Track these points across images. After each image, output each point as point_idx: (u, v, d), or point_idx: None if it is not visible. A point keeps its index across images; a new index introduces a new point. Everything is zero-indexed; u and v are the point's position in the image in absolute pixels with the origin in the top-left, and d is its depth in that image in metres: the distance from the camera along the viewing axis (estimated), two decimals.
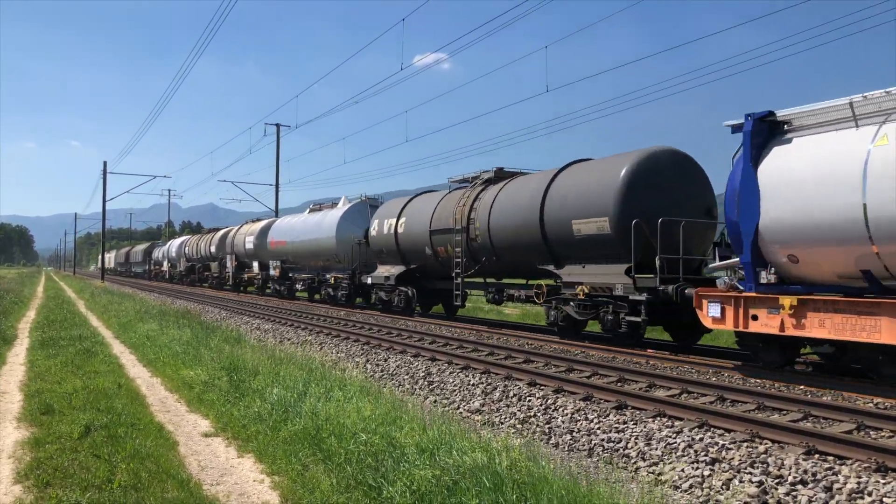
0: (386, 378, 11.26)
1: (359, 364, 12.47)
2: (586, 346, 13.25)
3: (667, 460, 6.36)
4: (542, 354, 11.78)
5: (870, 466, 5.71)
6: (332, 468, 5.61)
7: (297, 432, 6.62)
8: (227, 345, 12.99)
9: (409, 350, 13.13)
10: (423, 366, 11.56)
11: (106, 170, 55.69)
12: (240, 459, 6.40)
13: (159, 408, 8.58)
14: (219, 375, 9.76)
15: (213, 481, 5.75)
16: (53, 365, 11.26)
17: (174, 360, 11.74)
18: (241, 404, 8.07)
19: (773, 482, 5.56)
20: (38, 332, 16.55)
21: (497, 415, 8.55)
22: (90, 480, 5.37)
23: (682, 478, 5.95)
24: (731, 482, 5.70)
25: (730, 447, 6.36)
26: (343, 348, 14.26)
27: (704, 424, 7.15)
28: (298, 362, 10.74)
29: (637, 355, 11.98)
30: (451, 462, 5.22)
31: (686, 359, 11.42)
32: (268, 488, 5.60)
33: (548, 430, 7.73)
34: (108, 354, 12.93)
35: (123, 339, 15.92)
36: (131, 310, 22.68)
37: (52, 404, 8.09)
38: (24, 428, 7.33)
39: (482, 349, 12.83)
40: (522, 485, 4.77)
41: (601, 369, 10.29)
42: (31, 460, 6.03)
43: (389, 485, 5.02)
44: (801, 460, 5.93)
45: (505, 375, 10.16)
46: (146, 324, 17.60)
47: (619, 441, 7.01)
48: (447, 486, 4.86)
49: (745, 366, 10.59)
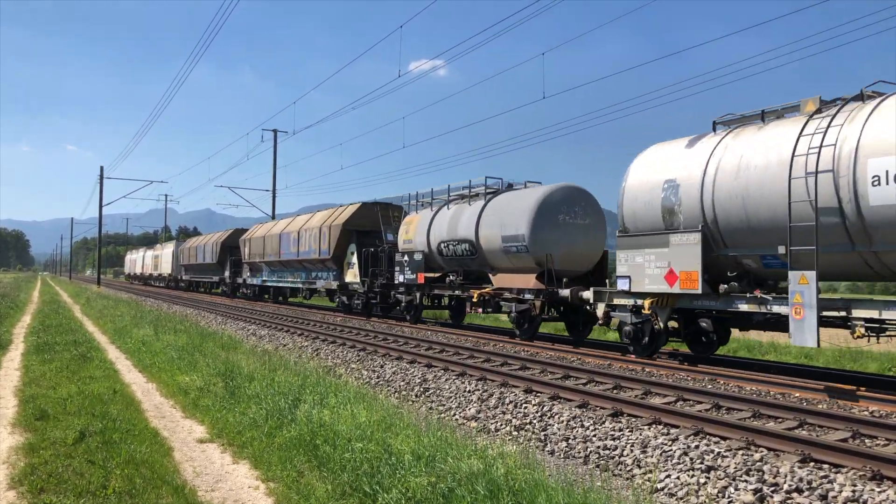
0: (382, 384, 11.24)
1: (354, 370, 12.45)
2: (582, 353, 13.26)
3: (662, 468, 6.36)
4: (539, 361, 11.78)
5: (865, 475, 5.72)
6: (327, 475, 5.60)
7: (293, 439, 6.61)
8: (223, 350, 12.96)
9: (405, 356, 13.12)
10: (419, 372, 11.55)
11: (102, 175, 55.65)
12: (235, 466, 6.39)
13: (154, 413, 8.56)
14: (214, 381, 9.74)
15: (207, 488, 5.74)
16: (48, 370, 11.23)
17: (169, 365, 11.72)
18: (236, 410, 8.06)
19: (768, 490, 5.56)
20: (33, 337, 16.50)
21: (493, 421, 8.54)
22: (84, 486, 5.35)
23: (678, 485, 5.95)
24: (727, 490, 5.70)
25: (725, 455, 6.36)
26: (339, 354, 14.23)
27: (700, 432, 7.15)
28: (294, 368, 10.72)
29: (633, 363, 12.00)
30: (447, 469, 5.21)
31: (679, 366, 11.45)
32: (263, 495, 5.59)
33: (544, 437, 7.72)
34: (104, 360, 12.89)
35: (119, 345, 15.87)
36: (127, 315, 22.63)
37: (47, 410, 8.06)
38: (18, 433, 7.30)
39: (478, 356, 12.82)
40: (518, 492, 4.77)
41: (597, 376, 10.29)
42: (26, 466, 6.00)
43: (385, 492, 5.01)
44: (796, 468, 5.93)
45: (501, 382, 10.15)
46: (141, 329, 17.56)
47: (615, 448, 7.01)
48: (443, 493, 4.85)
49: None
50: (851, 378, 11.03)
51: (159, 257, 60.00)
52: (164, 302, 35.02)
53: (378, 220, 23.78)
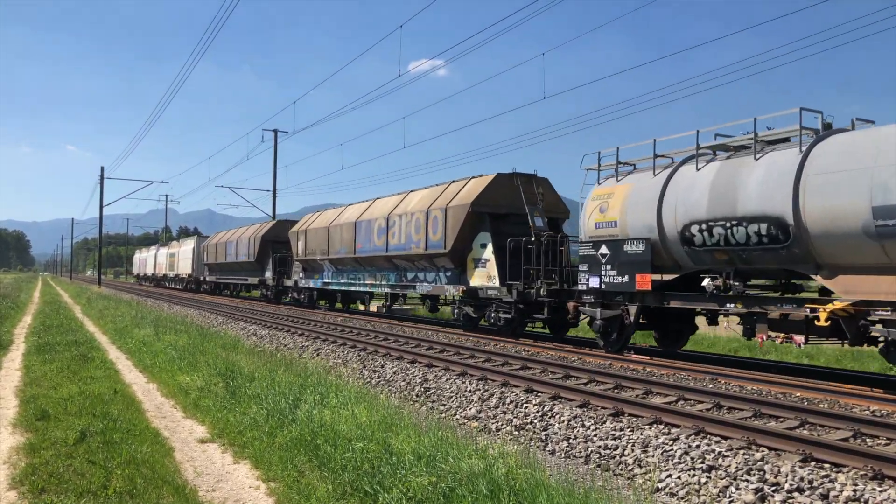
0: (382, 384, 11.24)
1: (355, 370, 12.45)
2: (583, 353, 13.25)
3: (663, 467, 6.36)
4: (539, 361, 11.78)
5: (866, 474, 5.71)
6: (328, 475, 5.60)
7: (293, 438, 6.61)
8: (223, 350, 12.97)
9: (406, 356, 13.12)
10: (419, 372, 11.54)
11: (103, 175, 55.71)
12: (235, 465, 6.39)
13: (155, 414, 8.56)
14: (215, 381, 9.74)
15: (208, 488, 5.74)
16: (49, 370, 11.23)
17: (170, 365, 11.72)
18: (237, 410, 8.06)
19: (769, 489, 5.56)
20: (34, 338, 16.50)
21: (494, 421, 8.54)
22: (85, 486, 5.35)
23: (679, 485, 5.95)
24: (728, 489, 5.70)
25: (726, 454, 6.36)
26: (340, 354, 14.24)
27: (701, 431, 7.14)
28: (295, 368, 10.73)
29: (633, 362, 11.99)
30: (448, 469, 5.21)
31: (681, 365, 11.45)
32: (263, 495, 5.59)
33: (544, 437, 7.72)
34: (104, 360, 12.90)
35: (119, 345, 15.88)
36: (127, 315, 22.64)
37: (48, 410, 8.06)
38: (19, 433, 7.30)
39: (479, 355, 12.82)
40: (519, 491, 4.77)
41: (598, 376, 10.29)
42: (27, 466, 6.00)
43: (385, 491, 5.01)
44: (797, 468, 5.93)
45: (502, 382, 10.15)
46: (142, 329, 17.57)
47: (616, 448, 7.00)
48: (443, 492, 4.85)
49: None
50: (852, 378, 11.02)
51: (176, 255, 52.65)
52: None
53: (519, 197, 16.69)
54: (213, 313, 26.13)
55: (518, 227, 16.40)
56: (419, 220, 19.04)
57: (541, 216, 16.55)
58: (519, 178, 17.13)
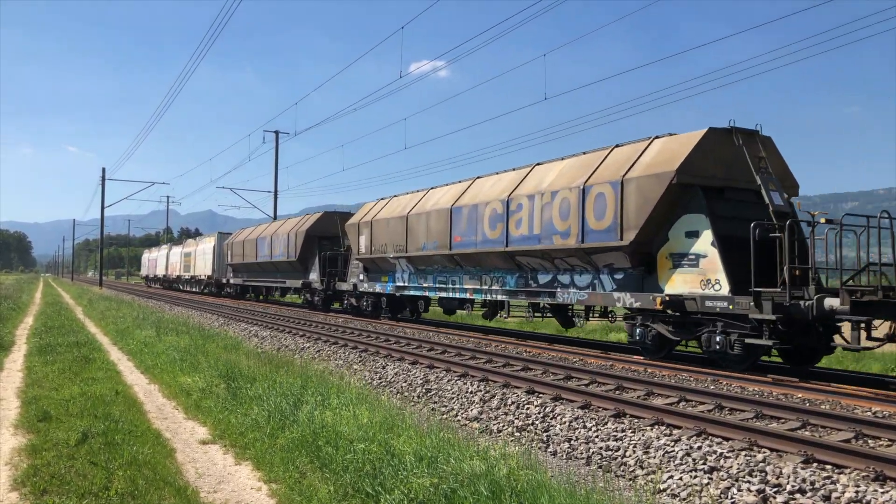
0: (384, 385, 11.24)
1: (357, 371, 12.45)
2: (584, 354, 13.25)
3: (665, 469, 6.35)
4: (540, 362, 11.77)
5: (868, 475, 5.70)
6: (329, 476, 5.60)
7: (295, 440, 6.61)
8: (224, 352, 12.98)
9: (407, 357, 13.12)
10: (421, 373, 11.55)
11: (104, 176, 55.77)
12: (237, 467, 6.39)
13: (157, 415, 8.56)
14: (216, 382, 9.75)
15: (210, 489, 5.74)
16: (51, 371, 11.24)
17: (171, 366, 11.73)
18: (238, 411, 8.06)
19: (771, 491, 5.55)
20: (35, 339, 16.52)
21: (495, 423, 8.54)
22: (87, 487, 5.35)
23: (681, 486, 5.94)
24: (730, 491, 5.69)
25: (728, 455, 6.35)
26: (341, 355, 14.24)
27: (703, 433, 7.14)
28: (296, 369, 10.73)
29: (635, 363, 11.98)
30: (449, 470, 5.21)
31: (682, 366, 11.43)
32: (265, 496, 5.59)
33: (546, 438, 7.71)
34: (106, 361, 12.91)
35: (121, 346, 15.89)
36: (128, 316, 22.65)
37: (50, 411, 8.07)
38: (21, 434, 7.31)
39: (480, 357, 12.82)
40: (521, 493, 4.77)
41: (599, 377, 10.28)
42: (28, 467, 6.01)
43: (387, 493, 5.01)
44: (799, 469, 5.92)
45: (503, 383, 10.14)
46: (143, 330, 17.58)
47: (618, 449, 7.00)
48: (445, 493, 4.85)
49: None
50: (854, 378, 11.01)
51: (192, 255, 46.68)
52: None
53: (743, 163, 11.72)
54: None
55: (740, 208, 11.73)
56: (567, 201, 13.71)
57: (777, 190, 11.43)
58: (740, 134, 11.93)
